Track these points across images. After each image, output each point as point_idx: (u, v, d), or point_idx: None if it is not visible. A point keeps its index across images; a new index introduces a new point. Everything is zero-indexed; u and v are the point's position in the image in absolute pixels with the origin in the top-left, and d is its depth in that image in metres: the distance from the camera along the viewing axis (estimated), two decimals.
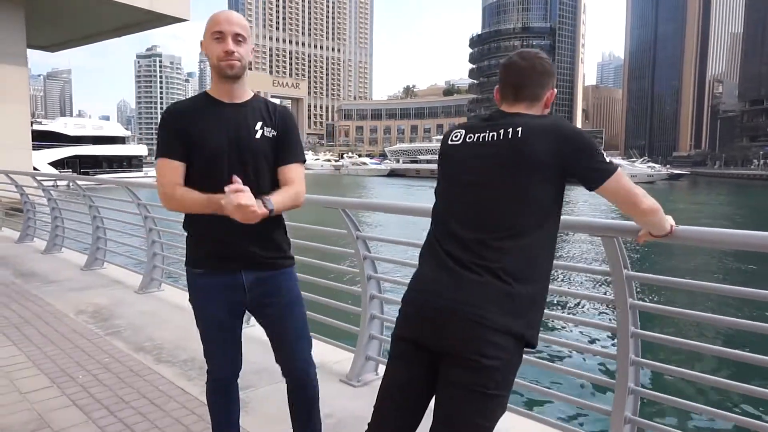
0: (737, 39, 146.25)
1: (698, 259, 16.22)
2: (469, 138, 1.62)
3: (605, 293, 9.06)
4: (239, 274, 1.94)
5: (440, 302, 1.50)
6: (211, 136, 1.86)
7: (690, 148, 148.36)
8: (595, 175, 1.52)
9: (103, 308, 4.79)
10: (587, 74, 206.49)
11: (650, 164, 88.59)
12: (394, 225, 20.21)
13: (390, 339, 3.28)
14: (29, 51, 26.33)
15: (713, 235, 1.99)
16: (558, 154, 1.51)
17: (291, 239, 2.15)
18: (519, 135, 1.52)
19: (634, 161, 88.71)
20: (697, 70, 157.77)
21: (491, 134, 1.57)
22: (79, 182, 7.01)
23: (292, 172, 1.96)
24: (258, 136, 1.90)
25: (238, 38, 1.84)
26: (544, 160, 1.50)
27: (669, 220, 1.73)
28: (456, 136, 1.67)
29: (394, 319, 3.34)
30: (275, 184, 1.94)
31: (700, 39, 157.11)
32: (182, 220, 2.00)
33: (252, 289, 1.96)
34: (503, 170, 1.52)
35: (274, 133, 1.94)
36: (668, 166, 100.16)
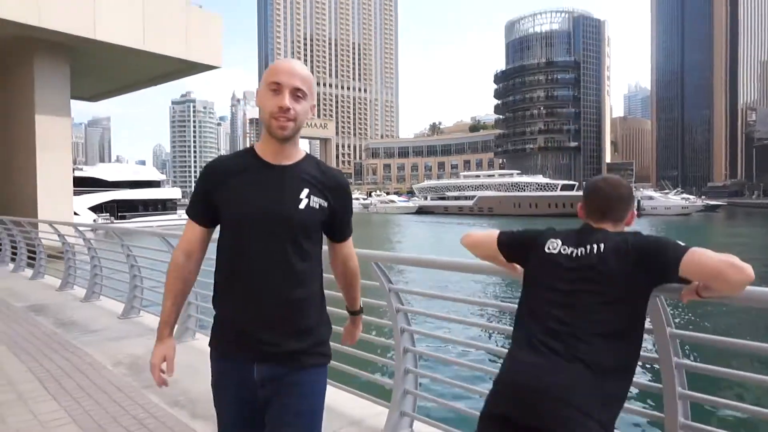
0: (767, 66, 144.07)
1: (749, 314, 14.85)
2: (564, 250, 1.83)
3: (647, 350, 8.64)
4: (251, 367, 1.64)
5: (535, 383, 1.63)
6: (243, 202, 1.63)
7: (725, 178, 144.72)
8: (669, 259, 1.62)
9: (139, 358, 4.85)
10: (614, 106, 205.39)
11: (684, 195, 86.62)
12: (426, 271, 19.99)
13: (426, 396, 3.24)
14: (72, 101, 27.84)
15: None
16: (631, 266, 1.68)
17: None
18: (602, 251, 1.74)
19: (667, 193, 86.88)
20: (728, 99, 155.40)
21: (581, 249, 1.79)
22: (117, 229, 7.23)
23: (349, 248, 1.89)
24: (302, 205, 1.63)
25: (297, 93, 1.61)
26: (620, 273, 1.68)
27: None
28: (553, 245, 1.87)
29: (429, 374, 3.30)
30: (317, 258, 1.74)
31: (729, 67, 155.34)
32: (214, 269, 1.78)
33: (265, 385, 1.64)
34: (592, 283, 1.71)
35: (324, 204, 1.68)
36: (703, 197, 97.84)
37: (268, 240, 1.62)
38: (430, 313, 3.55)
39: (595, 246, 1.76)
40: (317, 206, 1.66)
